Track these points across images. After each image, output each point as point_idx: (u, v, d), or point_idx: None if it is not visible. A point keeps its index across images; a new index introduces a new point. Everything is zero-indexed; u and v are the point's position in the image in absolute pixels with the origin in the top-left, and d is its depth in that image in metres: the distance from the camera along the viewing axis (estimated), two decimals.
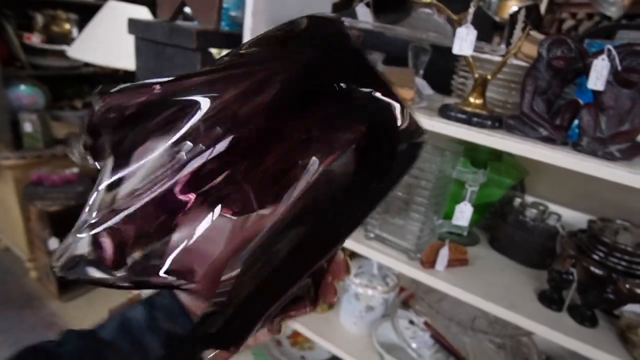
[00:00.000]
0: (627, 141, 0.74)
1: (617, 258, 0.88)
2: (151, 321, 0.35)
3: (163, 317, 0.35)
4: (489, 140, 0.78)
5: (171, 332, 0.35)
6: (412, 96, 0.89)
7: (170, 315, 0.36)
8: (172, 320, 0.36)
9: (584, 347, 0.82)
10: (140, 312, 0.36)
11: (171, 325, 0.35)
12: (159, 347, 0.34)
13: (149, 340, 0.34)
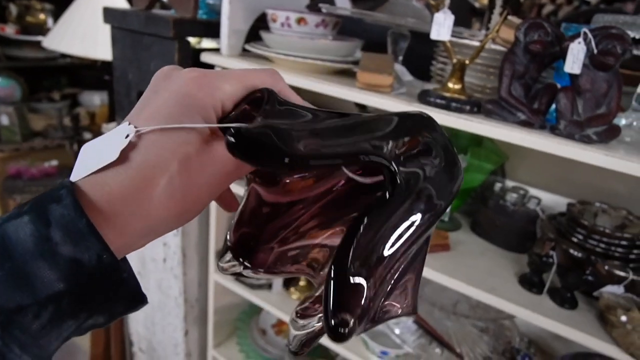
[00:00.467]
0: (603, 124, 0.74)
1: (596, 240, 0.89)
2: (45, 243, 0.24)
3: (63, 237, 0.24)
4: (468, 125, 0.78)
5: (76, 260, 0.24)
6: (391, 82, 0.88)
7: (75, 236, 0.24)
8: (78, 243, 0.24)
9: (564, 328, 0.83)
10: (27, 227, 0.24)
11: (77, 250, 0.24)
12: (56, 279, 0.23)
13: (41, 269, 0.23)
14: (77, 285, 0.24)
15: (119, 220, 0.25)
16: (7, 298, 0.23)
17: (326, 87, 0.92)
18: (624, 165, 0.68)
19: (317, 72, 1.04)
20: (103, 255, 0.24)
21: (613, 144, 0.77)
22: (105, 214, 0.25)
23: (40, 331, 0.24)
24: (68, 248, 0.24)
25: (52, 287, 0.23)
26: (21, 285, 0.23)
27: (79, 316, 0.25)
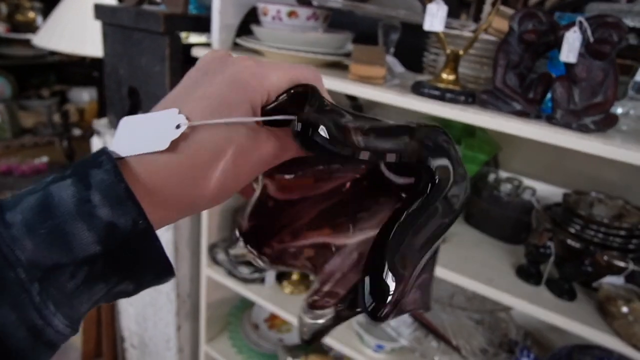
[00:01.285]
0: (600, 112, 0.73)
1: (594, 230, 0.89)
2: (84, 204, 0.24)
3: (102, 200, 0.24)
4: (463, 116, 0.77)
5: (112, 223, 0.24)
6: (383, 74, 0.87)
7: (113, 199, 0.25)
8: (116, 207, 0.25)
9: (564, 320, 0.83)
10: (70, 190, 0.25)
11: (114, 214, 0.24)
12: (93, 242, 0.24)
13: (79, 230, 0.24)
14: (111, 249, 0.25)
15: (160, 194, 0.26)
16: (45, 255, 0.23)
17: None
18: (622, 154, 0.67)
19: (309, 64, 1.02)
20: (139, 220, 0.25)
21: (610, 133, 0.76)
22: (145, 185, 0.26)
23: (74, 291, 0.24)
24: (106, 211, 0.24)
25: (88, 249, 0.24)
26: (60, 244, 0.24)
27: (110, 280, 0.25)
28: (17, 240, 0.23)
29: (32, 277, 0.23)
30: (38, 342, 0.24)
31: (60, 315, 0.24)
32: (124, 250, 0.25)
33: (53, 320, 0.24)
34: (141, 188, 0.26)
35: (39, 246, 0.23)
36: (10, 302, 0.22)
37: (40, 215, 0.24)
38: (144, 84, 1.11)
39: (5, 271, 0.23)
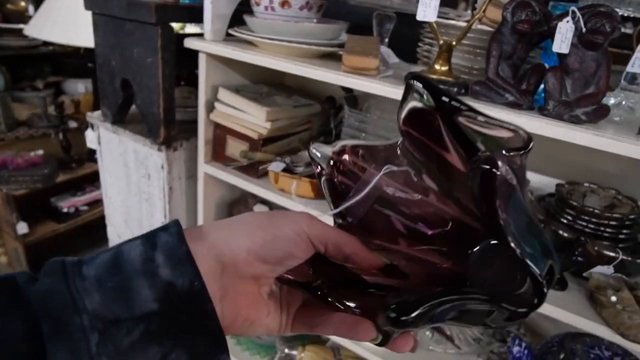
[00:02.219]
0: (592, 104, 0.73)
1: (585, 221, 0.89)
2: (148, 263, 0.27)
3: (165, 261, 0.27)
4: None
5: (171, 283, 0.27)
6: (377, 65, 0.87)
7: (174, 261, 0.27)
8: (176, 268, 0.27)
9: (554, 309, 0.83)
10: (138, 248, 0.28)
11: (173, 275, 0.27)
12: (152, 299, 0.26)
13: (141, 287, 0.26)
14: (168, 308, 0.27)
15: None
16: (109, 308, 0.26)
17: (312, 71, 0.90)
18: (614, 145, 0.67)
19: (302, 55, 1.02)
20: (195, 281, 0.27)
21: (602, 124, 0.76)
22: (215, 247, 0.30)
23: (129, 349, 0.26)
24: (167, 271, 0.27)
25: (147, 306, 0.26)
26: (123, 298, 0.26)
27: (164, 343, 0.27)
28: (88, 291, 0.26)
29: (94, 327, 0.25)
30: None
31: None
32: (179, 310, 0.27)
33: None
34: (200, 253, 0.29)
35: (105, 299, 0.26)
36: (69, 347, 0.24)
37: (110, 270, 0.27)
38: (137, 76, 1.10)
39: (72, 316, 0.25)
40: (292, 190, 1.09)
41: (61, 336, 0.24)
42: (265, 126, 1.10)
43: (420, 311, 0.29)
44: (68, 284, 0.26)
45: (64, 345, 0.24)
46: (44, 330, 0.24)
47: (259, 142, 1.14)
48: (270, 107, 1.09)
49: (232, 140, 1.20)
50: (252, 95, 1.15)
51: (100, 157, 1.38)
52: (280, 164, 1.11)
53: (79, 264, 0.27)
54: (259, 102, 1.10)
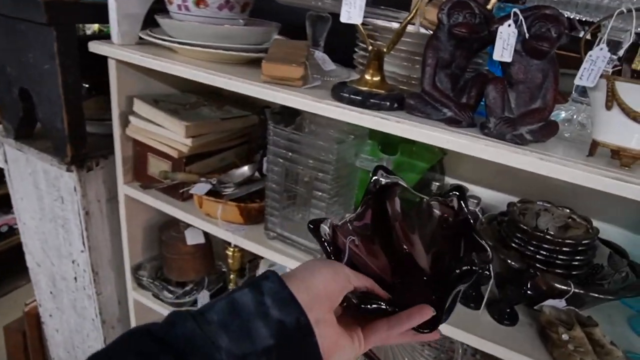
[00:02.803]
0: (538, 121, 0.64)
1: (536, 246, 0.80)
2: (260, 306, 0.34)
3: (273, 303, 0.34)
4: (384, 125, 0.66)
5: (282, 321, 0.34)
6: (301, 74, 0.75)
7: (281, 303, 0.34)
8: (283, 308, 0.34)
9: (501, 350, 0.74)
10: (249, 296, 0.34)
11: (282, 314, 0.34)
12: (269, 336, 0.33)
13: (258, 327, 0.33)
14: (282, 341, 0.33)
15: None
16: (237, 346, 0.32)
17: (226, 81, 0.78)
18: (561, 171, 0.58)
19: (225, 61, 0.90)
20: (301, 318, 0.34)
21: (551, 143, 0.67)
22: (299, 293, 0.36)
23: None
24: (276, 312, 0.34)
25: (265, 341, 0.33)
26: (246, 338, 0.32)
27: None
28: (218, 334, 0.32)
29: (230, 359, 0.31)
30: None
31: None
32: (291, 343, 0.33)
33: None
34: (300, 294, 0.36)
35: (231, 338, 0.31)
36: None
37: (230, 315, 0.33)
38: (36, 85, 0.96)
39: (215, 353, 0.31)
40: (218, 215, 0.97)
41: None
42: (185, 143, 0.97)
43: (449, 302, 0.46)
44: (202, 329, 0.32)
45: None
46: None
47: (181, 160, 1.02)
48: (190, 121, 0.96)
49: (153, 159, 1.06)
50: (173, 107, 1.02)
51: (8, 178, 1.22)
52: (205, 186, 0.99)
53: (201, 313, 0.34)
54: (178, 116, 0.97)
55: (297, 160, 0.82)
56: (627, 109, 0.55)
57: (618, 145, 0.58)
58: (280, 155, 0.84)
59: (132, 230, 1.20)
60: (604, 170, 0.56)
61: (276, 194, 0.88)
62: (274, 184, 0.88)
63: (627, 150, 0.57)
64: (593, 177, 0.55)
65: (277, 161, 0.85)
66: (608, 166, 0.59)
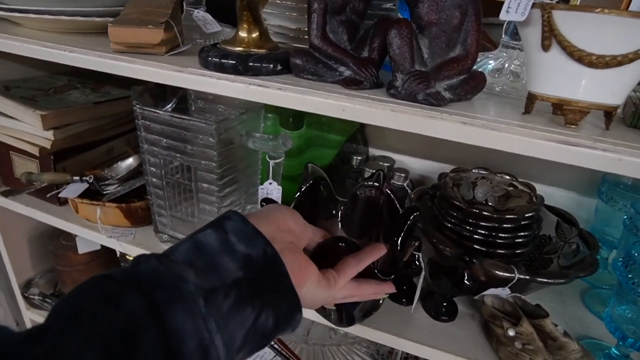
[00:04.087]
0: (459, 73, 0.50)
1: (473, 226, 0.67)
2: (225, 244, 0.34)
3: (237, 240, 0.34)
4: (262, 95, 0.50)
5: (248, 254, 0.34)
6: (160, 38, 0.57)
7: (245, 238, 0.34)
8: (248, 243, 0.34)
9: (437, 354, 0.62)
10: (212, 235, 0.34)
11: (248, 248, 0.34)
12: (236, 269, 0.33)
13: (226, 261, 0.33)
14: (251, 273, 0.33)
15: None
16: (205, 281, 0.31)
17: (62, 54, 0.59)
18: (491, 138, 0.44)
19: (77, 31, 0.70)
20: (267, 249, 0.35)
21: (478, 101, 0.53)
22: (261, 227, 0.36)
23: (229, 312, 0.31)
24: (241, 246, 0.34)
25: (234, 274, 0.32)
26: (213, 273, 0.32)
27: (254, 304, 0.32)
28: (184, 270, 0.31)
29: (199, 293, 0.30)
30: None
31: (220, 338, 0.30)
32: (260, 274, 0.34)
33: (215, 338, 0.29)
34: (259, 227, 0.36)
35: (199, 275, 0.31)
36: (186, 307, 0.29)
37: (195, 255, 0.33)
38: None
39: (181, 284, 0.30)
40: (98, 220, 0.79)
41: (177, 300, 0.29)
42: (46, 136, 0.78)
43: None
44: (167, 266, 0.31)
45: (181, 306, 0.28)
46: (160, 298, 0.28)
47: (48, 157, 0.82)
48: (48, 110, 0.76)
49: (18, 159, 0.86)
50: (30, 94, 0.82)
51: None
52: (78, 186, 0.80)
53: (164, 255, 0.33)
54: (33, 104, 0.77)
55: (175, 147, 0.65)
56: (569, 47, 0.41)
57: (560, 97, 0.44)
58: (154, 143, 0.67)
59: (12, 243, 1.01)
60: (545, 133, 0.43)
61: (158, 189, 0.71)
62: (153, 177, 0.71)
63: (572, 103, 0.44)
64: (532, 144, 0.42)
65: (152, 150, 0.67)
66: (550, 126, 0.45)
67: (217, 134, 0.60)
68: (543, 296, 0.71)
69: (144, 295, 0.28)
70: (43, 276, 1.11)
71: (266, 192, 0.66)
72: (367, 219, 0.66)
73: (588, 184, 0.81)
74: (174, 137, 0.64)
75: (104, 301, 0.28)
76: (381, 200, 0.65)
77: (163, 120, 0.63)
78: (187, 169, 0.66)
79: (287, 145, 0.63)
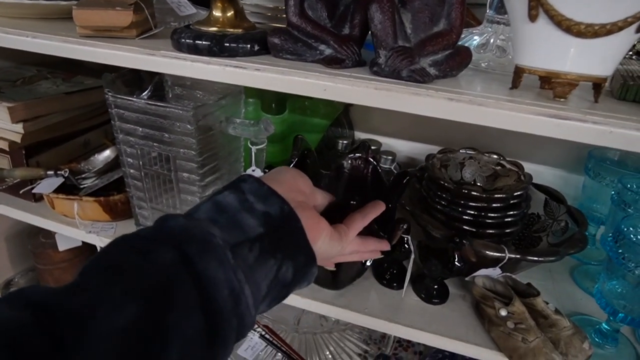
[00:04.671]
0: (444, 47, 0.48)
1: (462, 207, 0.66)
2: (244, 203, 0.35)
3: (255, 199, 0.35)
4: (238, 77, 0.47)
5: (267, 212, 0.35)
6: (129, 21, 0.55)
7: (262, 197, 0.36)
8: (266, 201, 0.35)
9: (430, 337, 0.61)
10: (231, 196, 0.35)
11: (266, 206, 0.35)
12: (257, 225, 0.34)
13: (246, 218, 0.34)
14: (270, 229, 0.34)
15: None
16: (230, 236, 0.32)
17: (24, 40, 0.56)
18: (479, 114, 0.42)
19: (43, 16, 0.67)
20: (284, 206, 0.36)
21: (464, 77, 0.52)
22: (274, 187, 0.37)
23: (254, 263, 0.32)
24: (260, 205, 0.35)
25: (255, 230, 0.34)
26: (236, 228, 0.33)
27: (276, 256, 0.34)
28: (210, 226, 0.32)
29: (226, 246, 0.31)
30: (234, 312, 0.30)
31: (248, 287, 0.31)
32: (279, 229, 0.35)
33: (244, 288, 0.31)
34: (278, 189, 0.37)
35: (222, 230, 0.32)
36: (217, 258, 0.30)
37: (217, 213, 0.34)
38: None
39: (210, 237, 0.31)
40: (76, 215, 0.76)
41: (208, 252, 0.30)
42: (15, 129, 0.75)
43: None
44: (193, 222, 0.32)
45: (212, 258, 0.30)
46: (192, 251, 0.29)
47: (19, 151, 0.79)
48: (16, 102, 0.73)
49: None
50: None
51: None
52: (53, 181, 0.77)
53: (188, 214, 0.35)
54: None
55: (152, 137, 0.62)
56: (557, 16, 0.39)
57: (548, 69, 0.43)
58: (130, 133, 0.64)
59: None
60: (534, 107, 0.41)
61: (137, 181, 0.69)
62: (131, 169, 0.68)
63: (560, 76, 0.42)
64: (521, 118, 0.40)
65: (128, 140, 0.65)
66: (538, 100, 0.44)
67: (195, 121, 0.57)
68: (532, 274, 0.71)
69: (176, 248, 0.29)
70: (24, 276, 1.08)
71: None
72: (352, 190, 0.67)
73: (575, 160, 0.81)
74: (150, 126, 0.61)
75: (137, 255, 0.28)
76: (366, 171, 0.67)
77: (138, 108, 0.61)
78: (166, 158, 0.64)
79: (269, 130, 0.61)
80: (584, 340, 0.57)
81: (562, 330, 0.58)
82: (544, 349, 0.56)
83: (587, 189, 0.78)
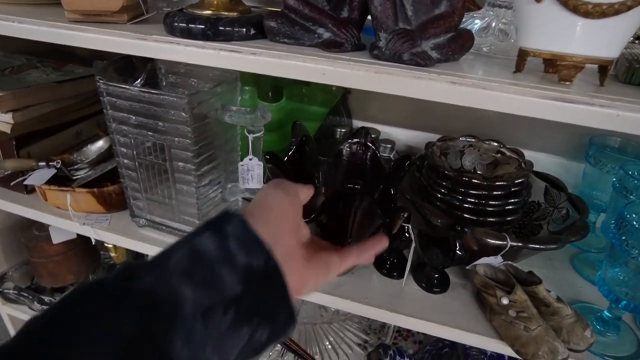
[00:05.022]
0: (446, 30, 0.47)
1: (462, 195, 0.65)
2: (226, 252, 0.30)
3: (238, 248, 0.31)
4: (235, 61, 0.46)
5: (249, 266, 0.31)
6: (120, 5, 0.53)
7: (246, 246, 0.31)
8: (249, 253, 0.31)
9: (430, 326, 0.60)
10: (211, 241, 0.31)
11: (249, 258, 0.31)
12: (236, 282, 0.30)
13: (225, 275, 0.30)
14: (250, 287, 0.30)
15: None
16: (203, 296, 0.28)
17: (10, 25, 0.54)
18: (483, 97, 0.41)
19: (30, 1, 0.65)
20: (269, 261, 0.32)
21: (466, 62, 0.50)
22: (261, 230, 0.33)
23: (227, 331, 0.29)
24: (242, 257, 0.31)
25: (233, 288, 0.30)
26: (212, 287, 0.29)
27: (252, 322, 0.30)
28: (181, 284, 0.28)
29: (197, 312, 0.28)
30: None
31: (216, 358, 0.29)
32: (259, 288, 0.31)
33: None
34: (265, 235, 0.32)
35: (196, 289, 0.28)
36: (183, 337, 0.27)
37: (193, 263, 0.30)
38: None
39: (180, 304, 0.28)
40: (69, 207, 0.75)
41: (175, 329, 0.27)
42: (4, 120, 0.73)
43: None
44: (163, 283, 0.28)
45: (178, 336, 0.27)
46: (158, 328, 0.27)
47: (10, 142, 0.77)
48: (4, 91, 0.71)
49: None
50: None
51: None
52: (45, 172, 0.75)
53: (158, 265, 0.30)
54: None
55: (146, 125, 0.60)
56: None
57: (554, 51, 0.41)
58: (123, 121, 0.62)
59: None
60: (539, 90, 0.40)
61: (131, 171, 0.67)
62: (125, 159, 0.66)
63: (566, 58, 0.41)
64: (525, 102, 0.39)
65: (121, 129, 0.63)
66: (543, 83, 0.43)
67: (190, 108, 0.55)
68: (532, 262, 0.70)
69: (142, 318, 0.27)
70: (17, 269, 1.06)
71: (246, 168, 0.62)
72: (352, 176, 0.67)
73: (576, 148, 0.80)
74: (144, 114, 0.60)
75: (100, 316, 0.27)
76: (365, 157, 0.66)
77: (131, 96, 0.59)
78: (161, 148, 0.62)
79: (266, 118, 0.59)
80: (586, 328, 0.57)
81: (564, 318, 0.58)
82: (546, 337, 0.55)
83: (588, 176, 0.77)
